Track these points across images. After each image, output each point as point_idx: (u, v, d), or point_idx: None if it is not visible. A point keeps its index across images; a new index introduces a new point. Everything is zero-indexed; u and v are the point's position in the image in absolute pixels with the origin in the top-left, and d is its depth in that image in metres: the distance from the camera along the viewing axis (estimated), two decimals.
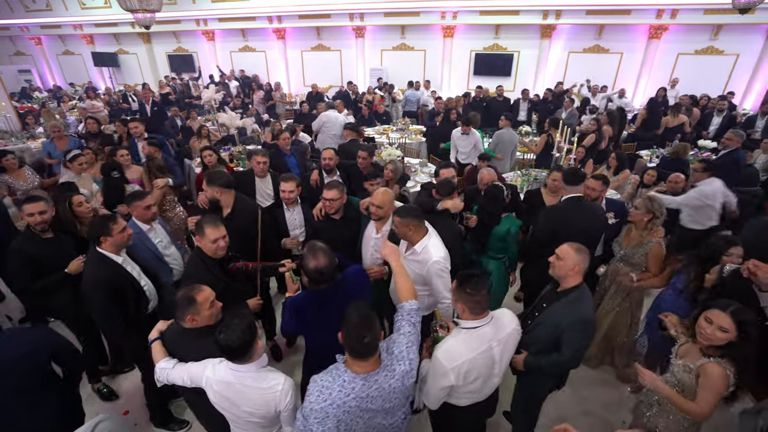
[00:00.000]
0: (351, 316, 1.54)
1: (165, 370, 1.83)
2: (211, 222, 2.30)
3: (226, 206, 3.05)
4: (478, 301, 1.75)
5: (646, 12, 9.60)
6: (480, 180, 3.59)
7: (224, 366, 1.70)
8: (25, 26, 15.17)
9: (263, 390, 1.66)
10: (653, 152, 6.47)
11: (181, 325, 1.86)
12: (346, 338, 1.53)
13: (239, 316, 1.65)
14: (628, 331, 3.13)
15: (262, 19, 12.50)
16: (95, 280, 2.26)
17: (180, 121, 8.44)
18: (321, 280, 1.92)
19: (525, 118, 8.88)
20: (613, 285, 3.11)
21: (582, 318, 2.03)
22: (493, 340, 1.82)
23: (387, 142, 7.10)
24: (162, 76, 14.28)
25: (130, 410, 3.01)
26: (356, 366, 1.56)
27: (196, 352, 1.80)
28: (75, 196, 3.02)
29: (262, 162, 3.69)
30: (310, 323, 2.03)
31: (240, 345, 1.60)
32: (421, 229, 2.46)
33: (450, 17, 11.03)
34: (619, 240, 3.11)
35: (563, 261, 2.09)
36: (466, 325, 1.81)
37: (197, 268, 2.31)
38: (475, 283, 1.74)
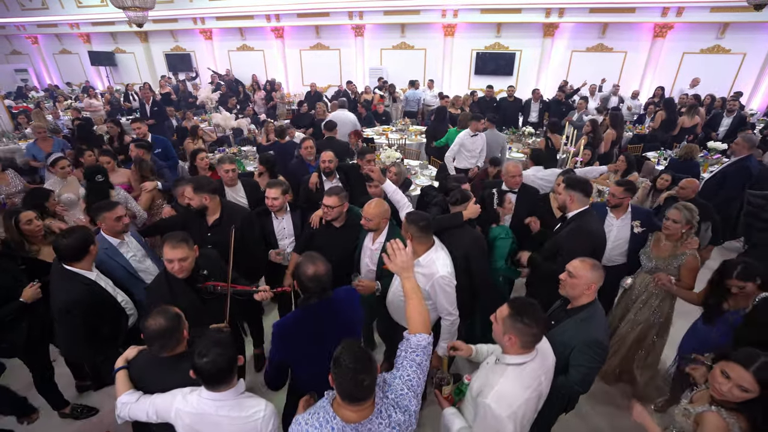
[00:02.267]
0: (344, 357, 1.31)
1: (127, 405, 1.62)
2: (173, 240, 2.06)
3: (212, 213, 2.87)
4: (535, 335, 1.56)
5: (651, 10, 9.40)
6: (507, 173, 3.50)
7: (196, 396, 1.52)
8: (21, 25, 14.99)
9: (243, 419, 1.49)
10: (661, 154, 6.28)
11: (154, 354, 1.67)
12: (339, 382, 1.31)
13: (218, 336, 1.50)
14: (652, 348, 2.95)
15: (261, 18, 12.31)
16: (68, 301, 2.04)
17: (176, 122, 8.28)
18: (316, 290, 1.76)
19: (536, 119, 8.63)
20: (642, 297, 2.90)
21: (593, 339, 1.86)
22: (542, 373, 1.62)
23: (386, 143, 6.92)
24: (159, 75, 14.10)
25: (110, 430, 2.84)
26: (348, 411, 1.35)
27: (169, 384, 1.61)
28: (23, 214, 2.65)
29: (230, 170, 3.44)
30: (299, 347, 1.83)
31: (223, 369, 1.45)
32: (425, 240, 2.30)
33: (451, 15, 10.84)
34: (647, 251, 2.90)
35: (577, 279, 1.91)
36: (513, 360, 1.58)
37: (159, 285, 2.14)
38: (534, 314, 1.54)
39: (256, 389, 3.16)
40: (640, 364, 3.01)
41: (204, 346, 1.45)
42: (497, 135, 5.75)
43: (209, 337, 1.49)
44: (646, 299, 2.90)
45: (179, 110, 9.18)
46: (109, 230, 2.57)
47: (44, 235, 2.75)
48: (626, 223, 3.09)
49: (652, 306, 2.88)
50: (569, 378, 1.87)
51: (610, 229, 3.11)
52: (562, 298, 2.09)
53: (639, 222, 3.04)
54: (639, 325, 2.93)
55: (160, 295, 1.93)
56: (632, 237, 3.07)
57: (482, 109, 8.12)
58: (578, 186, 2.72)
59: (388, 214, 2.63)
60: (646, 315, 2.90)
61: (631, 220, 3.08)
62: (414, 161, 6.20)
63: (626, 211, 3.10)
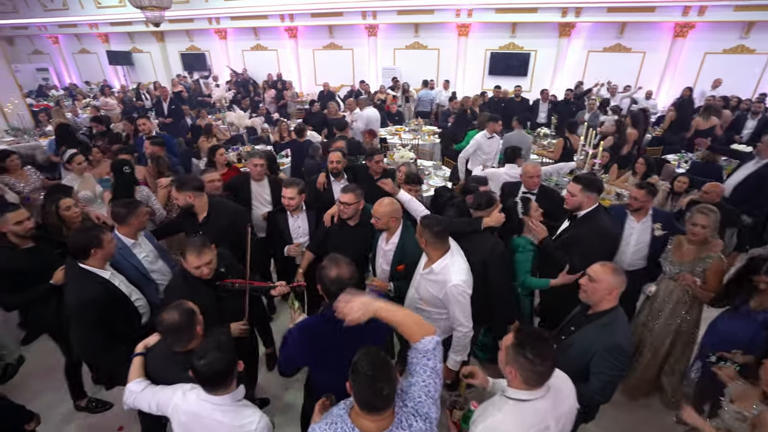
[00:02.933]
0: (362, 364, 1.27)
1: (133, 394, 1.64)
2: (195, 248, 2.07)
3: (200, 211, 2.86)
4: (540, 373, 1.38)
5: (671, 9, 9.17)
6: (525, 173, 3.44)
7: (195, 395, 1.51)
8: (43, 25, 15.37)
9: (236, 428, 1.47)
10: (681, 156, 6.10)
11: (171, 348, 1.68)
12: (358, 391, 1.27)
13: (219, 338, 1.49)
14: (681, 355, 2.86)
15: (275, 18, 12.39)
16: (82, 300, 2.03)
17: (190, 120, 8.38)
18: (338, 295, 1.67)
19: (545, 120, 8.53)
20: (668, 307, 2.80)
21: (615, 344, 1.79)
22: (550, 417, 1.43)
23: (399, 143, 6.88)
24: (175, 74, 14.32)
25: (124, 426, 2.87)
26: (367, 421, 1.29)
27: (178, 379, 1.61)
28: (62, 200, 2.83)
29: (259, 165, 3.47)
30: (319, 353, 1.77)
31: (221, 372, 1.43)
32: (440, 246, 2.23)
33: (465, 15, 10.75)
34: (668, 256, 2.79)
35: (597, 284, 1.85)
36: (515, 395, 1.43)
37: (178, 285, 2.15)
38: (540, 349, 1.36)
39: (268, 388, 3.17)
40: (667, 371, 2.92)
41: (203, 348, 1.44)
42: (525, 136, 5.68)
43: (210, 340, 1.48)
44: (672, 309, 2.78)
45: (193, 108, 9.29)
46: (137, 227, 2.59)
47: (81, 221, 2.91)
48: (647, 226, 3.00)
49: (678, 315, 2.77)
50: (589, 386, 1.80)
51: (631, 233, 3.03)
52: (583, 303, 2.03)
53: (660, 225, 2.95)
54: (668, 336, 2.83)
55: (180, 295, 1.92)
56: (653, 240, 2.97)
57: (492, 111, 8.02)
58: (595, 186, 2.75)
59: (398, 214, 2.58)
60: (674, 326, 2.80)
61: (651, 223, 2.99)
62: (427, 162, 6.15)
63: (647, 214, 3.01)
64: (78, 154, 4.01)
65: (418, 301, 2.41)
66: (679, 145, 6.65)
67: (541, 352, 1.36)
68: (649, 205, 3.00)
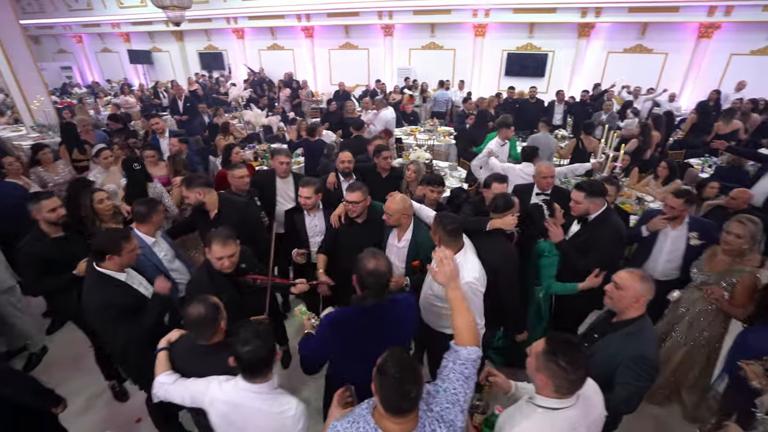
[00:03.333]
0: (389, 366, 1.24)
1: (164, 385, 1.67)
2: (221, 238, 2.10)
3: (211, 208, 2.89)
4: (572, 381, 1.34)
5: (696, 9, 8.93)
6: (539, 174, 3.39)
7: (233, 385, 1.53)
8: (67, 25, 15.80)
9: (275, 415, 1.50)
10: (705, 161, 5.94)
11: (195, 342, 1.71)
12: (385, 393, 1.24)
13: (258, 328, 1.52)
14: (703, 369, 2.75)
15: (291, 17, 12.49)
16: (98, 303, 2.05)
17: (207, 118, 8.50)
18: (374, 287, 1.71)
19: (560, 121, 8.38)
20: (689, 315, 2.71)
21: (641, 355, 1.74)
22: (581, 425, 1.39)
23: (415, 144, 6.86)
24: (192, 73, 14.56)
25: (142, 417, 2.92)
26: (390, 423, 1.27)
27: (203, 371, 1.64)
28: (97, 193, 2.94)
29: (285, 162, 3.52)
30: (348, 344, 1.77)
31: (263, 359, 1.47)
32: (453, 244, 2.22)
33: (482, 15, 10.66)
34: (699, 263, 2.69)
35: (624, 291, 1.80)
36: (545, 403, 1.39)
37: (201, 279, 2.18)
38: (574, 356, 1.32)
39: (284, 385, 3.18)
40: (688, 385, 2.82)
41: (247, 336, 1.46)
42: (550, 139, 5.60)
43: (252, 328, 1.50)
44: (693, 318, 2.69)
45: (210, 107, 9.43)
46: (155, 225, 2.63)
47: (113, 215, 3.01)
48: (682, 234, 2.88)
49: (700, 326, 2.66)
50: (614, 396, 1.75)
51: (664, 241, 2.93)
52: (608, 310, 1.98)
53: (697, 234, 2.82)
54: (686, 346, 2.73)
55: (202, 289, 1.95)
56: (688, 249, 2.85)
57: (506, 112, 7.93)
58: (597, 192, 2.72)
59: (410, 211, 2.60)
60: (694, 335, 2.69)
61: (687, 231, 2.87)
62: (443, 162, 6.12)
63: (683, 222, 2.89)
64: (106, 148, 4.13)
65: (431, 296, 2.41)
66: (700, 148, 6.46)
67: (574, 360, 1.32)
68: (686, 214, 2.88)
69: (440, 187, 3.15)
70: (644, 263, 3.06)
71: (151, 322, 2.09)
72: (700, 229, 2.85)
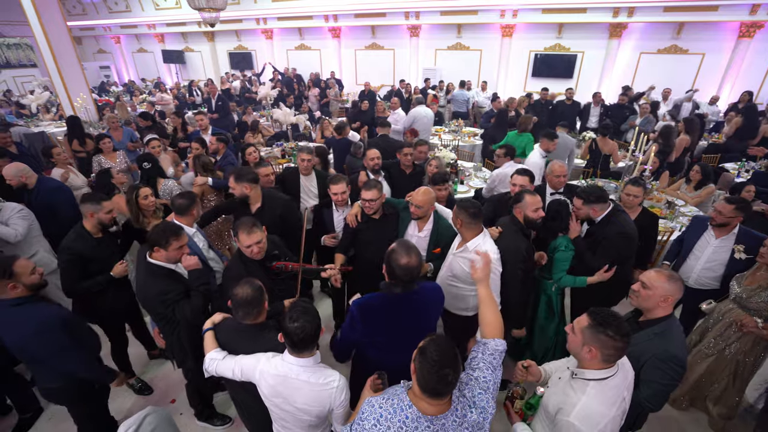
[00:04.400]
0: (430, 349, 1.29)
1: (215, 361, 1.79)
2: (246, 227, 2.20)
3: (254, 202, 3.02)
4: (620, 349, 1.45)
5: (737, 8, 8.55)
6: (551, 172, 3.41)
7: (280, 360, 1.66)
8: (107, 26, 16.62)
9: (320, 386, 1.61)
10: (742, 165, 5.71)
11: (239, 322, 1.84)
12: (423, 375, 1.29)
13: (305, 305, 1.61)
14: (730, 384, 2.65)
15: (319, 18, 12.72)
16: (155, 292, 2.16)
17: (237, 116, 8.78)
18: (404, 281, 1.80)
19: (596, 124, 8.07)
20: (719, 326, 2.63)
21: (669, 353, 1.75)
22: (624, 388, 1.52)
23: (440, 144, 6.88)
24: (223, 72, 15.03)
25: (176, 399, 3.09)
26: (425, 403, 1.33)
27: (248, 350, 1.77)
28: (142, 189, 3.04)
29: (306, 160, 3.62)
30: (376, 330, 1.87)
31: (310, 335, 1.56)
32: (474, 227, 2.36)
33: (510, 16, 10.56)
34: (740, 278, 2.59)
35: (651, 290, 1.80)
36: (595, 375, 1.49)
37: (236, 266, 2.29)
38: (619, 325, 1.44)
39: None
40: (711, 397, 2.75)
41: (296, 312, 1.55)
42: (567, 139, 5.52)
43: (300, 305, 1.59)
44: (723, 329, 2.61)
45: (240, 105, 9.73)
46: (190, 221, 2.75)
47: (154, 211, 3.13)
48: (727, 244, 2.78)
49: (729, 338, 2.58)
50: (640, 393, 1.76)
51: (705, 247, 2.86)
52: (634, 309, 1.98)
53: (743, 247, 2.70)
54: (711, 356, 2.66)
55: (237, 275, 2.06)
56: (731, 262, 2.75)
57: (537, 113, 7.81)
58: (594, 197, 2.78)
59: (434, 201, 2.73)
60: (721, 346, 2.61)
61: (734, 242, 2.75)
62: (467, 163, 6.12)
63: (731, 232, 2.79)
64: (156, 138, 4.48)
65: (449, 278, 2.53)
66: (742, 153, 6.19)
67: (620, 329, 1.44)
68: (736, 222, 2.77)
69: (444, 185, 3.21)
70: (679, 269, 3.01)
71: (199, 302, 2.20)
72: (749, 242, 2.69)
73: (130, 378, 3.15)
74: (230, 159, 4.51)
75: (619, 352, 1.46)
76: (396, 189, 3.79)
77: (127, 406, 3.06)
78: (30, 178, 3.61)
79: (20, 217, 3.18)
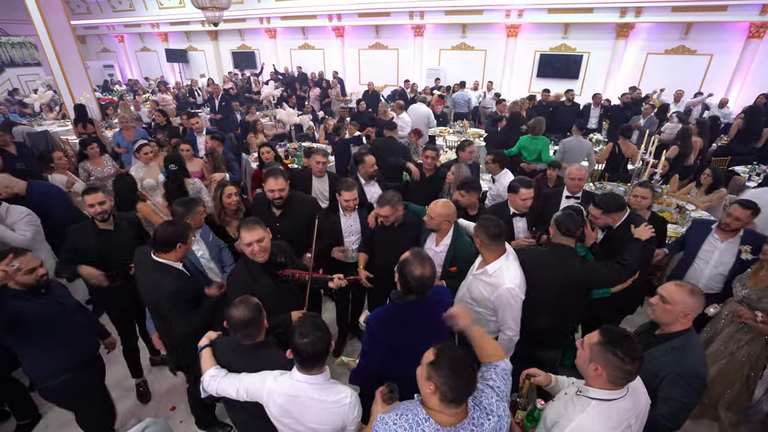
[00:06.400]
0: (445, 358, 1.28)
1: (216, 378, 1.70)
2: (247, 224, 2.14)
3: None
4: (628, 372, 1.36)
5: (746, 8, 8.44)
6: (569, 175, 3.35)
7: (288, 378, 1.59)
8: (111, 25, 16.62)
9: (331, 404, 1.56)
10: (752, 168, 5.60)
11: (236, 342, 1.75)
12: (448, 383, 1.26)
13: (315, 320, 1.56)
14: (742, 388, 2.61)
15: (323, 17, 12.66)
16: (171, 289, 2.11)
17: (240, 116, 8.73)
18: (419, 291, 1.78)
19: (595, 125, 8.07)
20: (729, 328, 2.59)
21: (691, 370, 1.68)
22: (632, 416, 1.43)
23: (445, 146, 6.81)
24: (226, 71, 15.00)
25: (176, 407, 3.03)
26: (443, 415, 1.31)
27: (250, 368, 1.69)
28: (227, 187, 3.04)
29: (321, 162, 3.58)
30: (392, 341, 1.82)
31: (320, 351, 1.51)
32: (495, 248, 2.21)
33: (515, 16, 10.47)
34: (743, 278, 2.58)
35: (671, 305, 1.73)
36: (599, 395, 1.42)
37: (239, 271, 2.22)
38: (630, 348, 1.35)
39: None
40: (724, 403, 2.68)
41: (305, 328, 1.50)
42: (581, 143, 5.42)
43: (310, 320, 1.54)
44: (734, 332, 2.57)
45: (242, 105, 9.67)
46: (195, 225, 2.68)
47: (235, 211, 3.11)
48: (733, 246, 2.74)
49: (741, 340, 2.54)
50: (658, 411, 1.68)
51: (712, 251, 2.81)
52: (650, 321, 1.91)
53: (749, 247, 2.66)
54: (722, 360, 2.61)
55: (241, 281, 2.00)
56: (738, 263, 2.71)
57: (539, 115, 7.71)
58: (614, 208, 2.74)
59: (452, 218, 2.56)
60: (732, 349, 2.57)
61: (739, 244, 2.71)
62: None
63: (736, 235, 2.74)
64: (146, 144, 4.30)
65: (469, 301, 2.40)
66: (748, 155, 6.10)
67: (631, 351, 1.35)
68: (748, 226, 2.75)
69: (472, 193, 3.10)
70: (686, 273, 2.94)
71: (202, 320, 2.16)
72: (754, 242, 2.66)
73: (138, 378, 3.14)
74: (230, 157, 4.50)
75: (627, 375, 1.37)
76: (412, 192, 3.75)
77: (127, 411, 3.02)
78: (18, 186, 3.50)
79: (27, 222, 3.11)
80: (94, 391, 2.50)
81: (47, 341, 2.18)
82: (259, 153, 4.44)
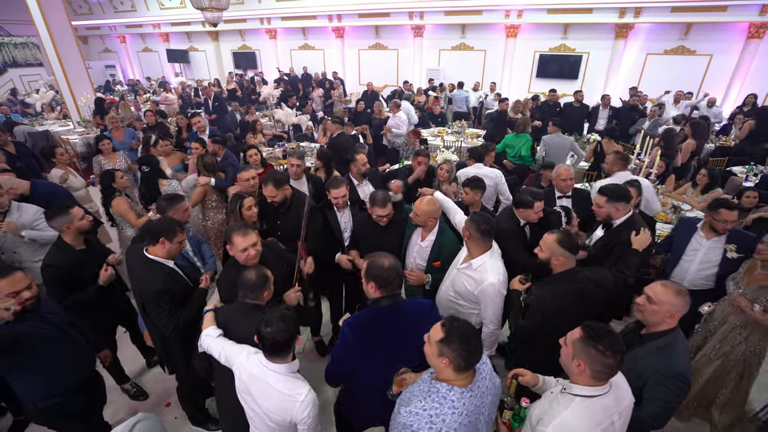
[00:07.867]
0: (455, 331, 1.39)
1: (209, 338, 1.85)
2: (239, 230, 2.16)
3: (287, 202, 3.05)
4: (610, 366, 1.39)
5: (746, 8, 8.41)
6: (557, 176, 3.36)
7: (256, 358, 1.67)
8: (113, 26, 16.69)
9: (285, 395, 1.61)
10: (750, 169, 5.60)
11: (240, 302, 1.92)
12: (460, 353, 1.37)
13: (284, 312, 1.64)
14: (736, 387, 2.61)
15: (323, 18, 12.69)
16: (158, 287, 2.11)
17: (239, 116, 8.76)
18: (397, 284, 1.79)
19: (603, 126, 7.84)
20: (723, 329, 2.60)
21: (675, 371, 1.69)
22: (615, 413, 1.45)
23: (443, 146, 6.82)
24: (227, 72, 15.04)
25: (171, 402, 3.06)
26: (461, 380, 1.42)
27: (243, 325, 1.83)
28: (246, 199, 2.89)
29: (296, 165, 3.56)
30: (369, 346, 1.80)
31: (282, 343, 1.58)
32: (482, 244, 2.26)
33: (515, 16, 10.47)
34: (736, 277, 2.58)
35: (657, 305, 1.74)
36: (582, 392, 1.44)
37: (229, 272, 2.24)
38: (611, 341, 1.39)
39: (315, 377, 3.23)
40: (719, 404, 2.68)
41: (271, 318, 1.59)
42: (562, 139, 5.42)
43: (278, 311, 1.62)
44: (728, 331, 2.57)
45: (243, 105, 9.71)
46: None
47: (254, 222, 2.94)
48: (718, 245, 2.76)
49: (735, 339, 2.55)
50: (642, 411, 1.70)
51: (697, 249, 2.82)
52: (636, 321, 1.92)
53: (734, 246, 2.69)
54: (717, 360, 2.61)
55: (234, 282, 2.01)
56: (723, 262, 2.73)
57: (544, 115, 7.70)
58: (620, 196, 2.67)
59: (437, 215, 2.61)
60: (726, 349, 2.57)
61: (725, 242, 2.74)
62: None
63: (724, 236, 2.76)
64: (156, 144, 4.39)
65: (451, 295, 2.44)
66: (753, 156, 6.06)
67: (612, 345, 1.38)
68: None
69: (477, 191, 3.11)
70: (672, 271, 2.96)
71: (192, 314, 2.19)
72: (740, 241, 2.70)
73: (124, 383, 3.12)
74: (231, 160, 4.45)
75: (609, 369, 1.40)
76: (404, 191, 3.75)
77: (122, 411, 3.03)
78: (22, 187, 3.51)
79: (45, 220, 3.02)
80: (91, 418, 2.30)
81: (35, 363, 1.97)
82: (245, 156, 4.31)
